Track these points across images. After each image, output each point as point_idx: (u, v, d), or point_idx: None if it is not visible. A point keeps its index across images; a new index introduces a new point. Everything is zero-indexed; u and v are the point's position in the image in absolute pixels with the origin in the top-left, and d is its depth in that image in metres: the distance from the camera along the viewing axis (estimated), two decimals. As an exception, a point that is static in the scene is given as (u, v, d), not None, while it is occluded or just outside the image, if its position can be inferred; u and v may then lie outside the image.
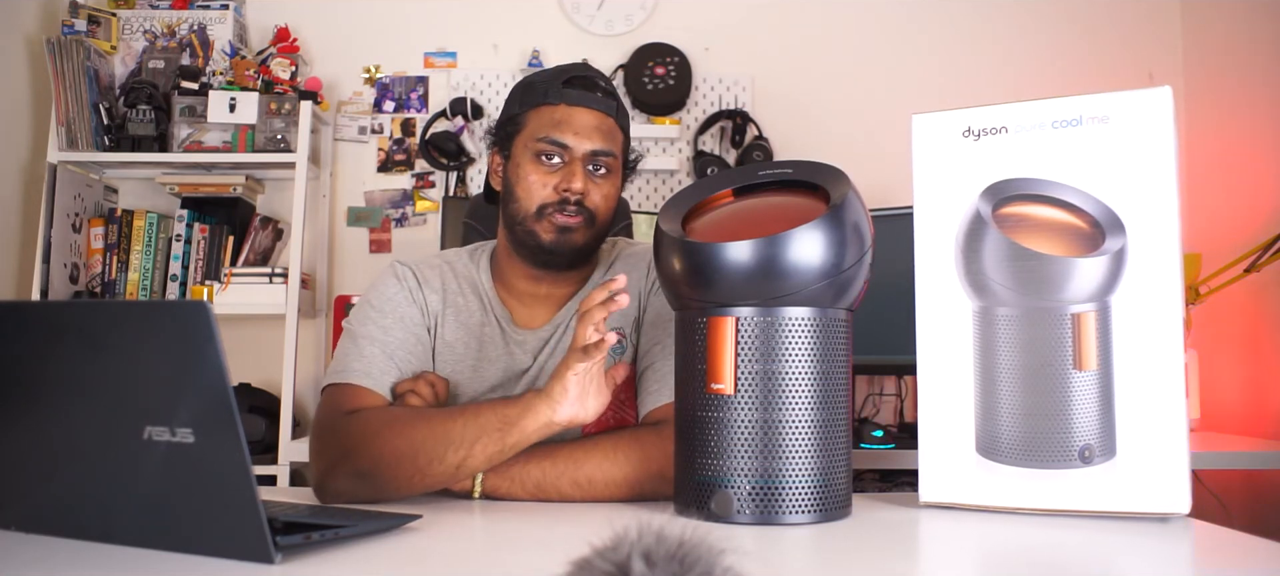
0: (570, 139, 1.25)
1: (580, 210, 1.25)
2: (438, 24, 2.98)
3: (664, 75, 2.87)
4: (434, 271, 1.34)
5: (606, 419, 1.26)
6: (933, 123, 1.07)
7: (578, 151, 1.25)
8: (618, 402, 1.26)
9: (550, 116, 1.26)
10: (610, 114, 1.29)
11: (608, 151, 1.27)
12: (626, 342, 1.29)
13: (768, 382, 0.93)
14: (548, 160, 1.26)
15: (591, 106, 1.27)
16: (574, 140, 1.25)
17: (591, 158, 1.26)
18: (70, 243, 2.67)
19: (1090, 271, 0.97)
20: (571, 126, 1.25)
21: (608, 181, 1.28)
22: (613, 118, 1.29)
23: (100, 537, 0.81)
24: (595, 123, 1.26)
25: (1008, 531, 0.92)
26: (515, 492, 1.11)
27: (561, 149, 1.25)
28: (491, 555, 0.87)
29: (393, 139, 2.94)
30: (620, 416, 1.27)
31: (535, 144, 1.26)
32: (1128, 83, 1.12)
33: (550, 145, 1.25)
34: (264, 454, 2.51)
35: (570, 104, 1.26)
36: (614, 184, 1.30)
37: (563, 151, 1.25)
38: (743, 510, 0.93)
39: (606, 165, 1.27)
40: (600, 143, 1.26)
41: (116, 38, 2.82)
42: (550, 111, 1.26)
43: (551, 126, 1.26)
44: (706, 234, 1.00)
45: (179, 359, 0.74)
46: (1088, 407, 0.97)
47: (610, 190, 1.29)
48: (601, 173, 1.27)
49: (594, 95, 1.28)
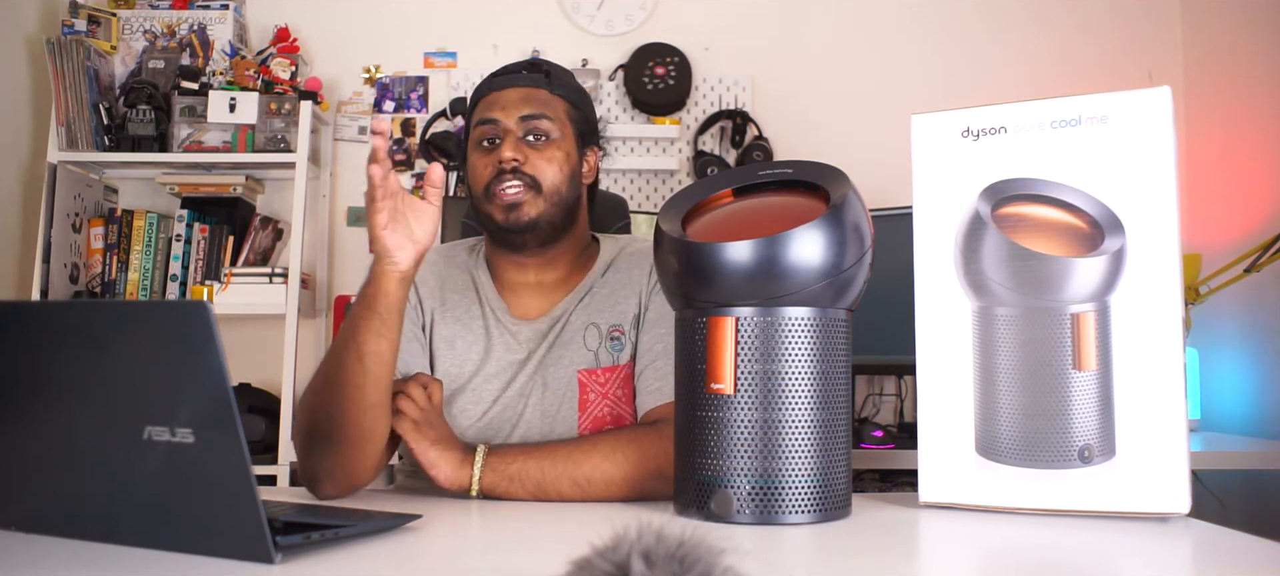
0: (497, 113, 1.28)
1: (519, 177, 1.26)
2: (438, 24, 2.98)
3: (664, 75, 2.87)
4: (430, 269, 1.35)
5: (604, 418, 1.26)
6: (932, 123, 1.07)
7: (507, 123, 1.28)
8: (615, 400, 1.26)
9: (483, 105, 1.31)
10: (540, 85, 1.31)
11: (539, 114, 1.28)
12: (625, 339, 1.29)
13: (768, 382, 0.93)
14: (487, 144, 1.29)
15: (517, 84, 1.30)
16: (502, 114, 1.28)
17: (524, 125, 1.28)
18: (70, 243, 2.67)
19: (1089, 271, 0.97)
20: (499, 104, 1.29)
21: (550, 147, 1.29)
22: (544, 89, 1.31)
23: (100, 537, 0.81)
24: (522, 94, 1.29)
25: (1007, 531, 0.92)
26: (515, 492, 1.11)
27: (492, 125, 1.28)
28: (491, 555, 0.87)
29: (393, 139, 2.94)
30: (618, 415, 1.27)
31: (474, 133, 1.30)
32: (1128, 83, 1.12)
33: (483, 126, 1.29)
34: (264, 454, 2.51)
35: (497, 88, 1.31)
36: (560, 149, 1.29)
37: (494, 128, 1.28)
38: (742, 510, 0.93)
39: (542, 130, 1.28)
40: (530, 109, 1.28)
41: (116, 38, 2.82)
42: (484, 102, 1.31)
43: (483, 110, 1.30)
44: (706, 234, 1.00)
45: (179, 359, 0.74)
46: (1087, 407, 0.97)
47: (555, 154, 1.29)
48: (541, 140, 1.28)
49: (519, 73, 1.32)
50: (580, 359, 1.28)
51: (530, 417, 1.28)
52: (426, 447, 1.10)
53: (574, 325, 1.30)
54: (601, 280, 1.34)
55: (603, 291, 1.32)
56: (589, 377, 1.27)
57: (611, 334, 1.29)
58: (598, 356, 1.28)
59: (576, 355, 1.28)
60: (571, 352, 1.28)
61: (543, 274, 1.33)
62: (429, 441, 1.11)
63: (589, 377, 1.27)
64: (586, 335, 1.29)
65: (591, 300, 1.31)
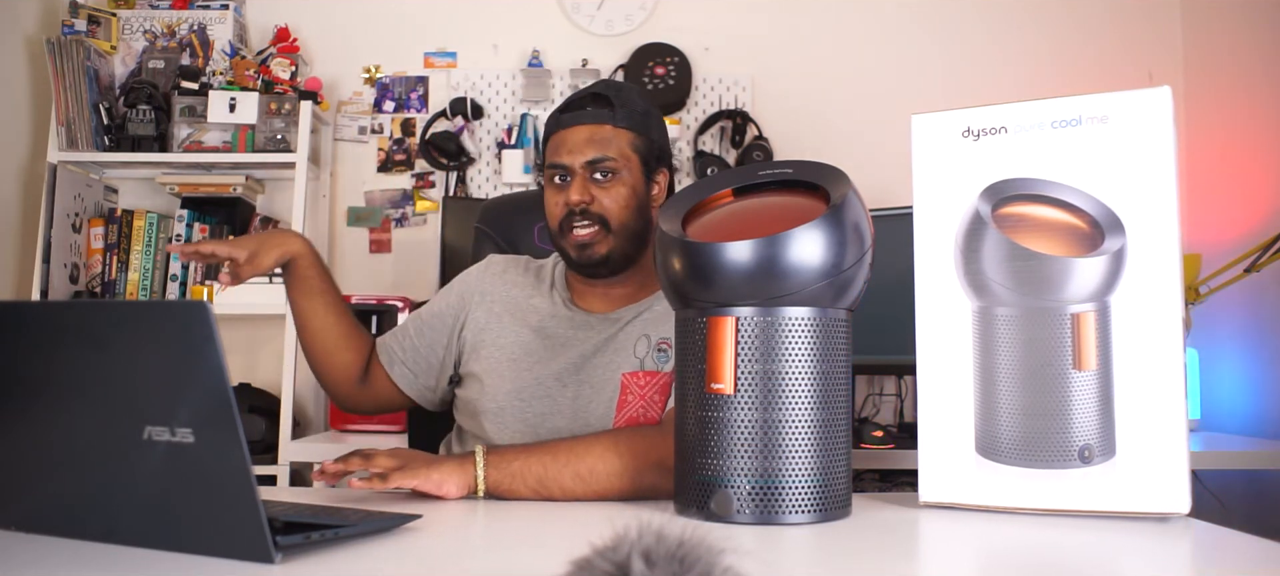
0: (565, 158, 1.35)
1: (588, 217, 1.33)
2: (438, 24, 2.98)
3: (664, 75, 2.87)
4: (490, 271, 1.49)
5: (635, 420, 1.28)
6: (932, 123, 1.07)
7: (574, 166, 1.34)
8: (648, 403, 1.30)
9: (553, 145, 1.38)
10: (603, 121, 1.35)
11: (604, 156, 1.34)
12: (671, 352, 1.32)
13: (768, 382, 0.93)
14: (557, 181, 1.37)
15: (581, 122, 1.36)
16: (569, 158, 1.35)
17: (590, 167, 1.34)
18: (70, 243, 2.67)
19: (1090, 271, 0.97)
20: (566, 146, 1.35)
21: (616, 183, 1.35)
22: (608, 124, 1.35)
23: (100, 537, 0.81)
24: (587, 135, 1.35)
25: (1007, 531, 0.92)
26: (517, 489, 1.11)
27: (561, 169, 1.36)
28: (491, 554, 0.87)
29: (393, 139, 2.94)
30: (649, 418, 1.30)
31: (547, 172, 1.38)
32: (1128, 83, 1.12)
33: (553, 169, 1.37)
34: (264, 454, 2.51)
35: (563, 127, 1.37)
36: (627, 185, 1.35)
37: (563, 171, 1.36)
38: (742, 510, 0.93)
39: (609, 168, 1.34)
40: (594, 152, 1.34)
41: (116, 38, 2.82)
42: (553, 140, 1.38)
43: (552, 153, 1.37)
44: (706, 234, 1.00)
45: (179, 359, 0.74)
46: (1087, 407, 0.97)
47: (621, 193, 1.35)
48: (607, 177, 1.34)
49: (582, 111, 1.37)
50: (627, 363, 1.32)
51: (565, 408, 1.32)
52: (426, 474, 1.10)
53: (628, 333, 1.35)
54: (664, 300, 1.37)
55: (663, 308, 1.37)
56: (631, 380, 1.31)
57: (660, 345, 1.33)
58: (643, 362, 1.32)
59: (625, 360, 1.33)
60: (620, 357, 1.33)
61: (612, 288, 1.41)
62: (424, 470, 1.11)
63: (631, 380, 1.31)
64: (637, 344, 1.34)
65: (651, 315, 1.37)
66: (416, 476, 1.10)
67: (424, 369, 1.45)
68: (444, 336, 1.44)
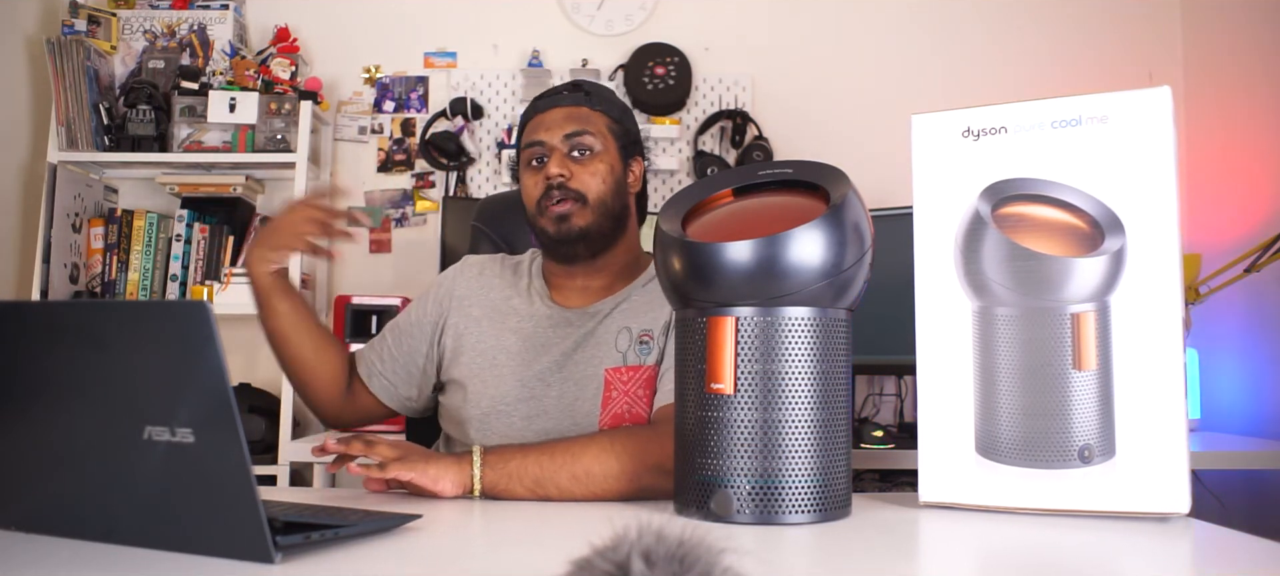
0: (542, 135, 1.37)
1: (566, 193, 1.34)
2: (438, 24, 2.98)
3: (664, 75, 2.87)
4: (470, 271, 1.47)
5: (623, 415, 1.28)
6: (932, 123, 1.07)
7: (552, 142, 1.36)
8: (633, 399, 1.28)
9: (530, 128, 1.40)
10: (580, 104, 1.38)
11: (582, 131, 1.36)
12: (653, 344, 1.32)
13: (768, 382, 0.93)
14: (535, 164, 1.38)
15: (559, 104, 1.39)
16: (546, 134, 1.36)
17: (568, 143, 1.35)
18: (70, 243, 2.67)
19: (1089, 271, 0.97)
20: (543, 125, 1.38)
21: (593, 160, 1.36)
22: (585, 106, 1.38)
23: (100, 537, 0.81)
24: (565, 114, 1.38)
25: (1007, 531, 0.92)
26: (515, 490, 1.11)
27: (539, 146, 1.37)
28: (491, 554, 0.87)
29: (393, 139, 2.94)
30: (635, 414, 1.29)
31: (523, 155, 1.40)
32: (1128, 83, 1.12)
33: (531, 148, 1.38)
34: (264, 454, 2.51)
35: (540, 110, 1.40)
36: (604, 163, 1.37)
37: (540, 148, 1.37)
38: (742, 510, 0.93)
39: (585, 145, 1.36)
40: (572, 126, 1.36)
41: (116, 38, 2.82)
42: (530, 125, 1.40)
43: (529, 133, 1.39)
44: (706, 234, 1.00)
45: (179, 359, 0.74)
46: (1087, 407, 0.97)
47: (599, 168, 1.36)
48: (584, 154, 1.36)
49: (560, 94, 1.40)
50: (609, 358, 1.32)
51: (551, 408, 1.32)
52: (423, 469, 1.11)
53: (608, 326, 1.35)
54: (641, 289, 1.40)
55: (640, 298, 1.37)
56: (614, 376, 1.31)
57: (641, 337, 1.33)
58: (625, 357, 1.32)
59: (607, 354, 1.33)
60: (602, 352, 1.33)
61: (590, 279, 1.41)
62: (422, 465, 1.11)
63: (614, 376, 1.31)
64: (618, 338, 1.34)
65: (629, 306, 1.37)
66: (413, 469, 1.10)
67: (404, 378, 1.43)
68: (424, 344, 1.43)
